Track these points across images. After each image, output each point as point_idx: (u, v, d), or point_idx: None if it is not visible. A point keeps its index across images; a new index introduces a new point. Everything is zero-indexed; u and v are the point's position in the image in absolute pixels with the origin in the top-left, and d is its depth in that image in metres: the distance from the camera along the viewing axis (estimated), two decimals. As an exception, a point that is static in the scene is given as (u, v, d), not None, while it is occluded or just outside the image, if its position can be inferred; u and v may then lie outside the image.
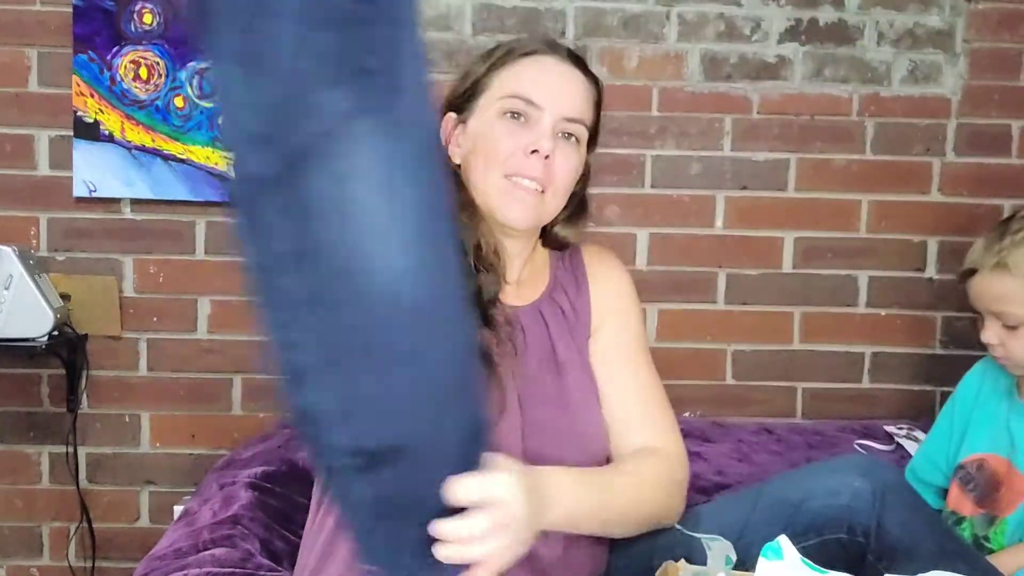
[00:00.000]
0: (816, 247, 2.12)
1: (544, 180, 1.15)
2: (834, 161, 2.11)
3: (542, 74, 1.17)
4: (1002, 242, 1.42)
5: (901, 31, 2.09)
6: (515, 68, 1.18)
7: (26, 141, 2.03)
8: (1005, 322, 1.43)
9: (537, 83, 1.16)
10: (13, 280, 1.84)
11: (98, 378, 2.08)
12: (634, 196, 2.10)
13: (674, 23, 2.08)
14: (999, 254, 1.41)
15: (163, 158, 2.02)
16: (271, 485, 1.64)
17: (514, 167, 1.14)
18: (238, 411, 2.10)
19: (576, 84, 1.20)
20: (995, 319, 1.44)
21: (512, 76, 1.17)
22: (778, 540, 0.78)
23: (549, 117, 1.15)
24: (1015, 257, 1.40)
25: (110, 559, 2.10)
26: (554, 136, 1.15)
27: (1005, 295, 1.42)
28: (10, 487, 2.09)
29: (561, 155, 1.16)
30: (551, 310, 1.23)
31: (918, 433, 1.98)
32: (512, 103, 1.15)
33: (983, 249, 1.46)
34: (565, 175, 1.18)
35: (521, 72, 1.17)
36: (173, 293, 2.07)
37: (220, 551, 1.39)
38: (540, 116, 1.15)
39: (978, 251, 1.47)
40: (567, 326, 1.23)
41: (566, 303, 1.24)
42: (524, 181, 1.15)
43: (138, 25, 2.00)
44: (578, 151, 1.20)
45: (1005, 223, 1.48)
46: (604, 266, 1.30)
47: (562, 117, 1.16)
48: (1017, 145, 2.12)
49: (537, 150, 1.13)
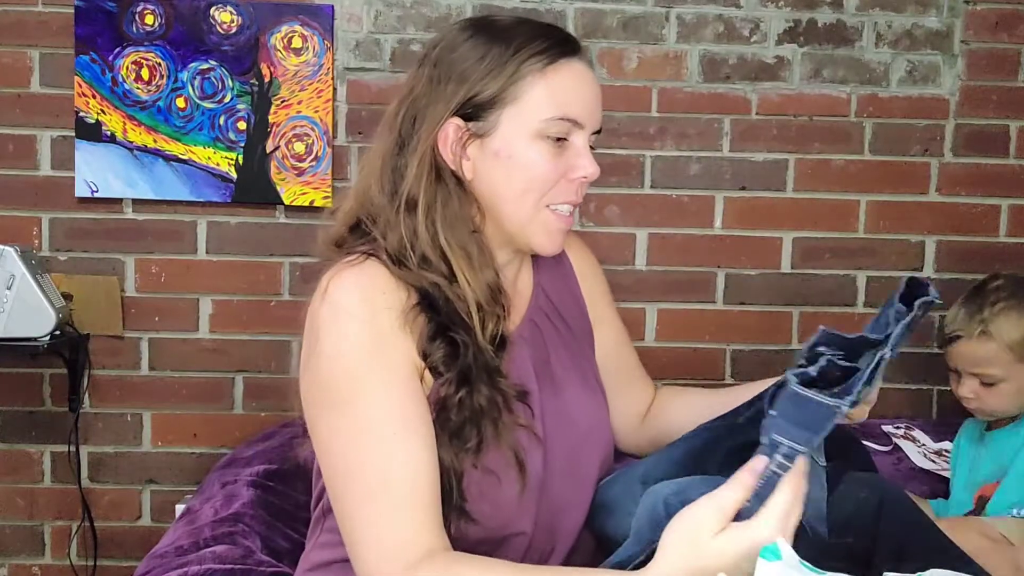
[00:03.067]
0: (815, 247, 2.13)
1: (580, 201, 1.08)
2: (833, 161, 2.12)
3: (580, 87, 1.05)
4: (983, 313, 1.59)
5: (899, 32, 2.10)
6: (553, 79, 1.03)
7: (28, 142, 2.04)
8: (983, 380, 1.60)
9: (579, 100, 1.04)
10: (15, 280, 1.85)
11: (100, 377, 2.08)
12: (633, 196, 2.11)
13: (673, 24, 2.08)
14: (982, 323, 1.58)
15: (165, 158, 2.03)
16: (272, 483, 1.65)
17: (557, 196, 1.05)
18: (239, 410, 2.11)
19: (600, 91, 1.09)
20: (973, 377, 1.62)
21: (552, 91, 1.03)
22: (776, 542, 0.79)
23: (585, 134, 1.05)
24: (997, 325, 1.57)
25: (112, 558, 2.11)
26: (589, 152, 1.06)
27: (987, 359, 1.59)
28: (12, 486, 2.10)
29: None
30: (543, 320, 1.17)
31: (916, 432, 1.99)
32: (558, 127, 1.03)
33: (966, 317, 1.62)
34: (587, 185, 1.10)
35: (561, 85, 1.03)
36: (174, 293, 2.08)
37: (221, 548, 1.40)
38: (577, 134, 1.05)
39: (960, 319, 1.63)
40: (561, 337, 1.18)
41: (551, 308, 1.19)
42: (564, 208, 1.06)
43: (140, 26, 2.01)
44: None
45: (980, 291, 1.64)
46: (586, 258, 1.28)
47: (593, 131, 1.07)
48: (1015, 145, 2.13)
49: (586, 178, 1.05)
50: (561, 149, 1.04)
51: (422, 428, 0.97)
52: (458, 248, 1.03)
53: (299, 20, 2.02)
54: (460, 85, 1.03)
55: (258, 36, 2.02)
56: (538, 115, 1.02)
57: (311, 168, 2.04)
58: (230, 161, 2.04)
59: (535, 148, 1.03)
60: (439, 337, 1.00)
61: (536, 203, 1.04)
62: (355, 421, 0.97)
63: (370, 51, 2.05)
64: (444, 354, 0.99)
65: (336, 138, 2.06)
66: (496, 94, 1.02)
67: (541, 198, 1.04)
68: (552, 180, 1.04)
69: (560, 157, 1.04)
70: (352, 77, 2.06)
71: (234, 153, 2.04)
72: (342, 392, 0.98)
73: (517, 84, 1.02)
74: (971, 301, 1.65)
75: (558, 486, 1.08)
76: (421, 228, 1.03)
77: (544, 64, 1.03)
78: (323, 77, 2.03)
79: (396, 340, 0.99)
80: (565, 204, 1.06)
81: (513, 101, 1.02)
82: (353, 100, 2.06)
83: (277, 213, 2.07)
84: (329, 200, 2.04)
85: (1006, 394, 1.61)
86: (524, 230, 1.06)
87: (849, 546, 1.07)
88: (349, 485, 0.97)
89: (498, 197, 1.05)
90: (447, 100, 1.04)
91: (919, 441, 1.97)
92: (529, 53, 1.03)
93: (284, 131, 2.04)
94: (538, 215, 1.05)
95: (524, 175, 1.03)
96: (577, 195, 1.06)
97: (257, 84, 2.03)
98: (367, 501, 0.95)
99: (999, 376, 1.59)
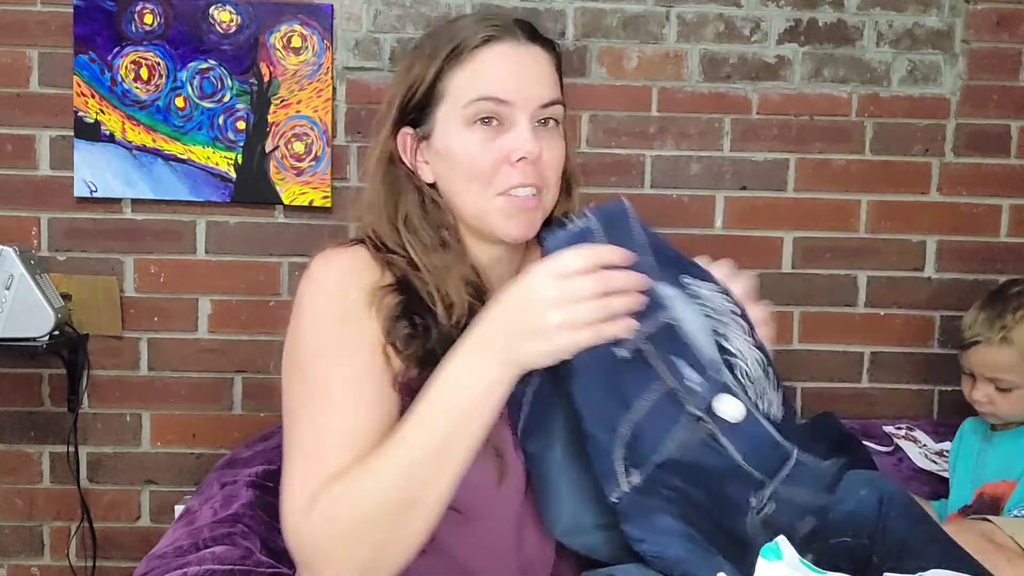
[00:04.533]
0: (815, 247, 2.13)
1: (538, 182, 1.04)
2: (833, 161, 2.11)
3: (503, 65, 1.03)
4: (1004, 319, 1.59)
5: (900, 31, 2.09)
6: (471, 65, 1.03)
7: (27, 141, 2.04)
8: (999, 386, 1.62)
9: (501, 77, 1.03)
10: (14, 280, 1.84)
11: (99, 378, 2.08)
12: (634, 196, 2.08)
13: (674, 23, 2.08)
14: (1003, 330, 1.59)
15: (164, 158, 2.03)
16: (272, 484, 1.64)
17: (505, 182, 1.03)
18: (239, 410, 2.10)
19: (541, 64, 1.06)
20: (989, 382, 1.63)
21: (470, 76, 1.03)
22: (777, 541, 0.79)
23: (523, 112, 1.03)
24: (1019, 333, 1.58)
25: (111, 558, 2.10)
26: (534, 131, 1.03)
27: (1006, 365, 1.60)
28: (11, 486, 2.10)
29: (547, 148, 1.04)
30: None
31: (917, 433, 1.99)
32: (479, 108, 1.02)
33: (986, 323, 1.62)
34: (555, 167, 1.07)
35: (479, 69, 1.03)
36: (174, 293, 2.08)
37: (220, 549, 1.39)
38: (513, 114, 1.03)
39: (980, 324, 1.63)
40: None
41: None
42: (519, 192, 1.04)
43: (139, 26, 2.01)
44: (559, 134, 1.08)
45: (1001, 296, 1.65)
46: None
47: (536, 106, 1.04)
48: (1016, 145, 2.12)
49: (524, 157, 1.02)
50: (496, 133, 1.03)
51: (374, 404, 0.97)
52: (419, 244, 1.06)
53: (298, 19, 2.02)
54: (399, 95, 1.09)
55: (257, 35, 2.02)
56: (461, 101, 1.04)
57: (310, 168, 2.04)
58: (229, 161, 2.03)
59: (466, 136, 1.04)
60: (403, 318, 1.01)
61: (482, 192, 1.04)
62: (310, 387, 0.98)
63: (369, 50, 2.05)
64: (405, 334, 1.00)
65: (335, 138, 2.06)
66: (427, 94, 1.06)
67: (486, 186, 1.04)
68: (488, 166, 1.03)
69: (495, 142, 1.03)
70: (351, 76, 2.05)
71: (233, 153, 2.03)
72: (304, 362, 1.00)
73: (443, 80, 1.05)
74: (991, 306, 1.65)
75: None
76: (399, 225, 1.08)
77: (464, 54, 1.04)
78: (322, 76, 2.03)
79: (362, 316, 1.00)
80: (519, 188, 1.04)
81: (443, 97, 1.05)
82: (352, 100, 2.06)
83: (276, 213, 2.07)
84: (328, 200, 2.04)
85: (1020, 400, 1.62)
86: (483, 220, 1.06)
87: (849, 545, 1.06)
88: (289, 444, 0.98)
89: (451, 193, 1.07)
90: (394, 111, 1.09)
91: (920, 442, 1.97)
92: (449, 48, 1.04)
93: (283, 131, 2.04)
94: (490, 203, 1.04)
95: (462, 166, 1.04)
96: (527, 177, 1.03)
97: (256, 84, 2.03)
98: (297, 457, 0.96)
99: (1015, 383, 1.60)
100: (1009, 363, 1.60)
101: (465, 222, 1.08)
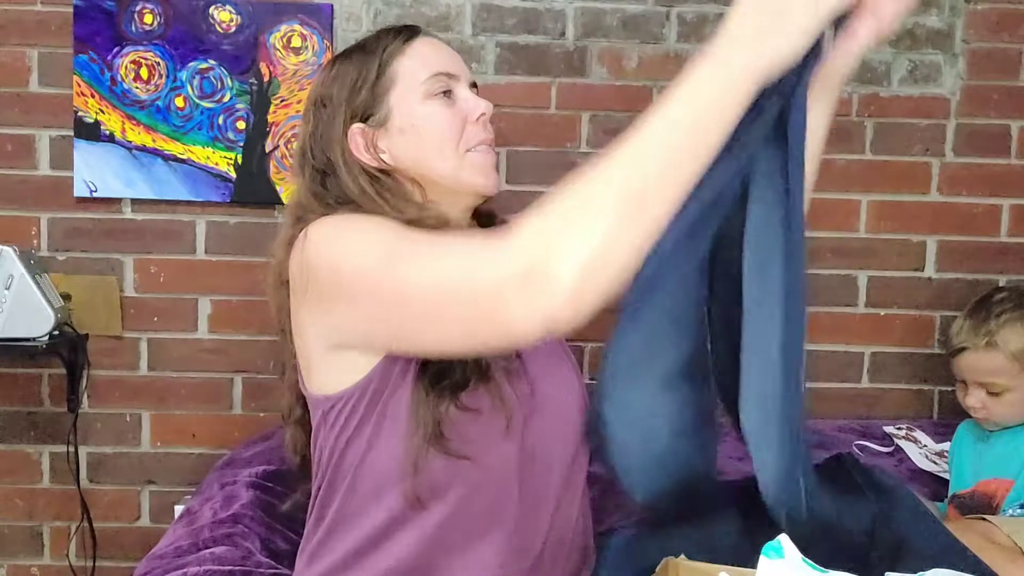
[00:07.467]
0: (816, 247, 2.12)
1: (491, 137, 1.22)
2: (834, 161, 2.11)
3: (439, 50, 1.22)
4: (988, 324, 1.64)
5: (900, 31, 2.09)
6: (412, 53, 1.20)
7: (27, 141, 2.04)
8: (990, 390, 1.64)
9: (443, 59, 1.21)
10: (14, 280, 1.84)
11: (99, 378, 2.08)
12: (634, 196, 2.10)
13: (674, 23, 2.08)
14: (988, 335, 1.62)
15: (163, 158, 2.02)
16: (272, 484, 1.64)
17: (471, 139, 1.19)
18: (239, 410, 2.10)
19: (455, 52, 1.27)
20: (980, 388, 1.65)
21: (417, 60, 1.19)
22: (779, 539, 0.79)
23: (464, 83, 1.21)
24: (1003, 336, 1.62)
25: (111, 558, 2.10)
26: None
27: (994, 370, 1.63)
28: (11, 486, 2.10)
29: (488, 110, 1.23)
30: None
31: (917, 433, 1.99)
32: (439, 82, 1.18)
33: (972, 329, 1.65)
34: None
35: (421, 53, 1.20)
36: (174, 293, 2.07)
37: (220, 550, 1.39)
38: (457, 85, 1.21)
39: (966, 331, 1.67)
40: None
41: None
42: (482, 147, 1.20)
43: (139, 25, 2.00)
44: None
45: (985, 303, 1.68)
46: None
47: (469, 78, 1.24)
48: (1016, 145, 2.12)
49: (484, 113, 1.20)
50: (451, 101, 1.19)
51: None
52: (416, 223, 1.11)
53: (298, 19, 2.02)
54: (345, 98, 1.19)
55: (257, 35, 2.02)
56: (417, 80, 1.18)
57: (311, 168, 2.04)
58: (229, 161, 2.03)
59: (429, 107, 1.18)
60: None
61: (455, 150, 1.18)
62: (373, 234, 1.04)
63: (370, 50, 2.05)
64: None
65: (336, 138, 2.05)
66: (376, 85, 1.18)
67: (458, 144, 1.18)
68: (458, 126, 1.18)
69: (453, 107, 1.19)
70: (352, 76, 2.05)
71: (233, 153, 2.03)
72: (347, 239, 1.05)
73: (389, 69, 1.18)
74: (976, 313, 1.68)
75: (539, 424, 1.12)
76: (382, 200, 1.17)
77: (401, 44, 1.20)
78: (323, 76, 2.03)
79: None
80: (481, 144, 1.20)
81: (392, 84, 1.18)
82: (353, 100, 2.06)
83: (276, 213, 2.06)
84: (329, 200, 2.04)
85: (1013, 403, 1.63)
86: (458, 177, 1.18)
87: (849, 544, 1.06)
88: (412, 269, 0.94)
89: (424, 161, 1.18)
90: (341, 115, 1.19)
91: (920, 442, 1.97)
92: (385, 43, 1.20)
93: (283, 130, 2.03)
94: (464, 160, 1.18)
95: (433, 131, 1.17)
96: (486, 132, 1.21)
97: (256, 83, 2.03)
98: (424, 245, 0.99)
99: (1006, 386, 1.62)
100: (997, 367, 1.62)
101: (437, 186, 1.19)
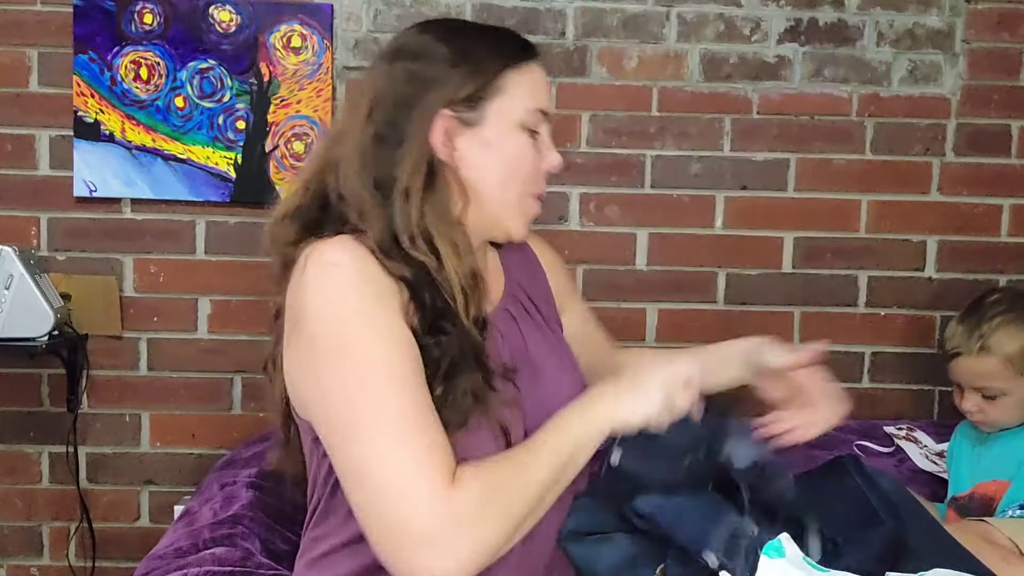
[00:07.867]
0: (816, 247, 2.13)
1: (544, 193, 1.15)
2: (834, 161, 2.11)
3: (545, 86, 1.14)
4: (981, 328, 1.63)
5: (901, 31, 2.09)
6: (528, 75, 1.10)
7: (27, 141, 2.04)
8: (985, 394, 1.64)
9: (546, 92, 1.14)
10: (13, 280, 1.84)
11: (98, 378, 2.08)
12: (634, 196, 2.10)
13: (674, 23, 2.08)
14: (981, 339, 1.62)
15: (163, 158, 2.02)
16: (272, 485, 1.64)
17: (536, 187, 1.12)
18: (238, 411, 2.10)
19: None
20: (975, 392, 1.65)
21: (529, 85, 1.10)
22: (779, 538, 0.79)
23: (549, 129, 1.13)
24: (996, 340, 1.61)
25: (110, 559, 2.10)
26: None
27: (988, 374, 1.62)
28: (10, 487, 2.09)
29: None
30: (517, 308, 1.19)
31: (918, 434, 1.99)
32: (536, 118, 1.10)
33: (965, 333, 1.65)
34: None
35: (535, 80, 1.11)
36: (173, 293, 2.07)
37: (220, 550, 1.39)
38: (545, 127, 1.12)
39: (959, 335, 1.66)
40: (535, 322, 1.20)
41: (524, 297, 1.21)
42: (537, 200, 1.14)
43: (138, 25, 2.00)
44: None
45: (978, 306, 1.68)
46: (549, 252, 1.33)
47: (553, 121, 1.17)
48: (1016, 145, 2.12)
49: (552, 167, 1.12)
50: (536, 142, 1.11)
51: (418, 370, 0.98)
52: (446, 235, 1.04)
53: (298, 19, 2.02)
54: (448, 79, 1.07)
55: (257, 35, 2.02)
56: (522, 105, 1.08)
57: (310, 168, 2.04)
58: (229, 161, 2.03)
59: (518, 138, 1.09)
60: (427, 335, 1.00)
61: (520, 191, 1.11)
62: (355, 364, 0.95)
63: (369, 50, 2.05)
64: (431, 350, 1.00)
65: (335, 138, 2.05)
66: (483, 86, 1.07)
67: (524, 186, 1.10)
68: (533, 169, 1.11)
69: (536, 149, 1.11)
70: (351, 76, 2.05)
71: (233, 152, 2.03)
72: (334, 341, 0.97)
73: (501, 77, 1.08)
74: (969, 317, 1.67)
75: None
76: (414, 215, 1.03)
77: (519, 60, 1.10)
78: (322, 76, 2.03)
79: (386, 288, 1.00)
80: (539, 196, 1.14)
81: (498, 93, 1.07)
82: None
83: (276, 213, 2.06)
84: (328, 200, 2.03)
85: (1008, 406, 1.63)
86: (505, 215, 1.11)
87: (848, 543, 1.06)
88: (359, 430, 0.94)
89: (484, 184, 1.08)
90: (438, 93, 1.06)
91: (921, 442, 1.97)
92: (510, 49, 1.10)
93: (283, 130, 2.03)
94: (522, 202, 1.12)
95: (509, 163, 1.09)
96: (545, 185, 1.14)
97: (256, 83, 2.02)
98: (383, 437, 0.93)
99: (1001, 389, 1.62)
100: (991, 371, 1.62)
101: (481, 213, 1.09)
